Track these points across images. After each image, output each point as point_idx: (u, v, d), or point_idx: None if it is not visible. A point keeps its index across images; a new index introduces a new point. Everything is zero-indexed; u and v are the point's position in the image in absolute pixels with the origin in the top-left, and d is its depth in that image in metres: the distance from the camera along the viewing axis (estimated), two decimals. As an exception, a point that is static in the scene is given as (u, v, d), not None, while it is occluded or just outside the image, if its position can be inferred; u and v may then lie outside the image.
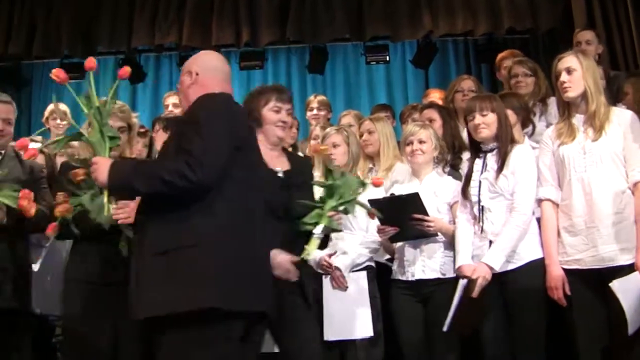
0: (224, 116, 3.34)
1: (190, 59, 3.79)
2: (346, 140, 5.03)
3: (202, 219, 3.21)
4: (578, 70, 4.28)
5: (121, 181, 3.32)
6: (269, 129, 4.17)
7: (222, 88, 3.56)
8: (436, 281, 4.60)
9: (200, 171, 3.14)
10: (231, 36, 9.04)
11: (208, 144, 3.22)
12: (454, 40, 9.84)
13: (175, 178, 3.14)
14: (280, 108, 4.18)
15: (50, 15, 9.39)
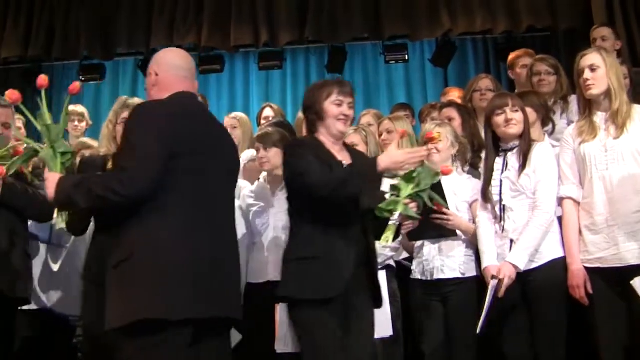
0: (154, 127, 3.36)
1: (152, 57, 3.81)
2: (364, 140, 5.03)
3: (137, 231, 3.30)
4: (602, 68, 4.25)
5: (65, 196, 3.39)
6: (331, 122, 4.12)
7: (184, 87, 3.63)
8: (456, 281, 4.59)
9: (131, 186, 3.23)
10: (250, 36, 9.03)
11: (137, 158, 3.30)
12: (473, 38, 9.76)
13: (108, 194, 3.24)
14: (342, 102, 4.13)
15: (69, 17, 9.43)
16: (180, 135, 3.39)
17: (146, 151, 3.30)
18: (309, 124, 4.21)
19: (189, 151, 3.39)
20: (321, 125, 4.14)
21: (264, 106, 7.12)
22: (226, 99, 10.63)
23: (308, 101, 4.20)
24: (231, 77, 10.65)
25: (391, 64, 9.67)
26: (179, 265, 3.25)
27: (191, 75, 3.74)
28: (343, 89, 4.17)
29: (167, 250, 3.26)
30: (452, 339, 4.55)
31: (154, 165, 3.28)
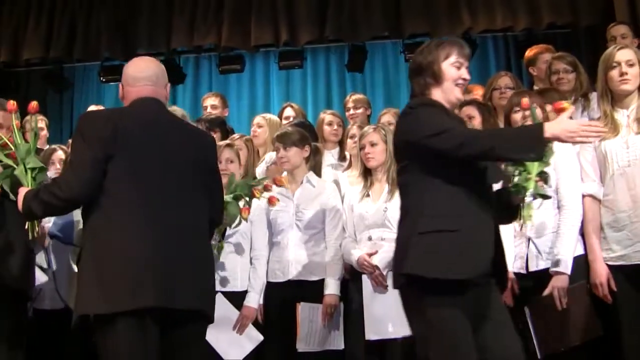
0: (88, 134, 3.57)
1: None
2: (384, 138, 5.00)
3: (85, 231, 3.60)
4: (636, 65, 4.23)
5: (26, 207, 3.66)
6: (449, 87, 3.71)
7: (144, 94, 3.78)
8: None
9: (67, 189, 3.49)
10: (270, 36, 9.03)
11: (72, 163, 3.62)
12: (494, 36, 9.71)
13: (51, 198, 3.53)
14: (461, 64, 3.75)
15: (90, 19, 9.47)
16: (115, 138, 3.52)
17: (80, 157, 3.55)
18: (420, 88, 3.77)
19: (124, 152, 3.52)
20: (436, 89, 3.72)
21: (284, 106, 7.11)
22: (246, 99, 10.64)
23: (423, 60, 3.75)
24: (251, 76, 10.67)
25: (412, 62, 9.63)
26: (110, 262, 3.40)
27: (153, 82, 3.83)
28: (463, 50, 3.81)
29: (101, 249, 3.44)
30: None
31: (85, 168, 3.49)
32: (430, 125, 3.49)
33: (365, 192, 5.02)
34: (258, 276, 4.99)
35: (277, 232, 5.12)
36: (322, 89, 10.58)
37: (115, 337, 3.35)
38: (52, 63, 9.81)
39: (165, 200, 3.55)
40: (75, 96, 10.82)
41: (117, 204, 3.48)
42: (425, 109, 3.62)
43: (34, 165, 4.02)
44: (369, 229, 4.93)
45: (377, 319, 4.69)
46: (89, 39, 9.42)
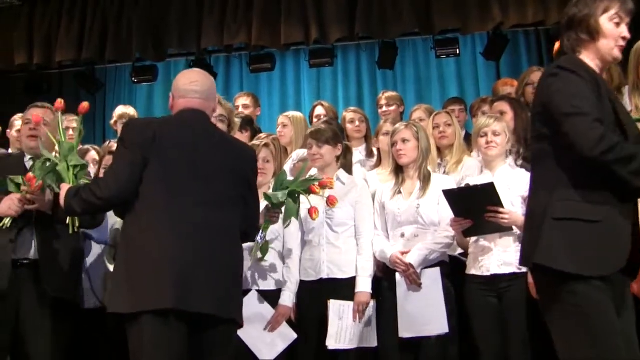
0: (129, 139, 3.78)
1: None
2: (416, 135, 5.00)
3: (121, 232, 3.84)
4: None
5: (67, 204, 3.85)
6: (605, 45, 3.33)
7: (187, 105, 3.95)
8: (512, 276, 4.55)
9: (105, 189, 3.69)
10: (300, 34, 9.03)
11: (112, 167, 3.83)
12: (525, 30, 9.67)
13: (91, 197, 3.72)
14: (621, 20, 3.34)
15: (121, 20, 9.53)
16: (152, 144, 3.70)
17: (119, 161, 3.79)
18: (571, 44, 3.41)
19: (159, 158, 3.70)
20: (590, 46, 3.35)
21: (315, 104, 7.12)
22: (277, 97, 10.67)
23: (578, 13, 3.39)
24: (282, 75, 10.69)
25: (442, 59, 9.61)
26: (136, 263, 3.58)
27: (201, 95, 3.99)
28: (625, 4, 3.36)
29: (131, 250, 3.65)
30: (508, 335, 4.53)
31: (123, 171, 3.70)
32: (557, 96, 3.19)
33: (397, 189, 5.03)
34: (292, 275, 4.99)
35: (309, 230, 5.12)
36: (353, 87, 10.58)
37: (140, 335, 3.48)
38: (85, 64, 9.89)
39: (193, 206, 3.69)
40: (108, 97, 10.90)
41: (147, 207, 3.65)
42: (570, 77, 3.21)
43: (76, 162, 4.25)
44: (402, 226, 4.93)
45: (411, 317, 4.70)
46: (120, 40, 9.48)
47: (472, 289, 4.72)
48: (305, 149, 5.64)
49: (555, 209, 3.13)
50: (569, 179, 3.16)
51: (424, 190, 4.90)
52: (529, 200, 3.40)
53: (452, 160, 5.47)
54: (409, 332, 4.69)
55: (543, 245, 3.12)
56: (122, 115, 7.15)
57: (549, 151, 3.24)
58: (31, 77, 9.95)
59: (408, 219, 4.90)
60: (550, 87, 3.24)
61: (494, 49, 9.15)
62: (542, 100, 3.28)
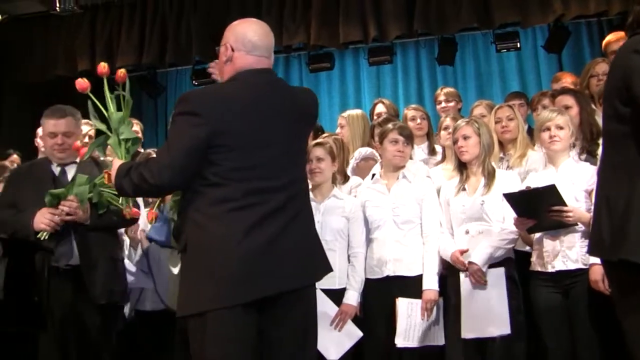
0: (184, 117, 3.34)
1: (228, 28, 3.72)
2: (477, 131, 4.97)
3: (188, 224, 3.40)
4: None
5: (118, 182, 3.49)
6: None
7: (255, 65, 3.52)
8: (577, 272, 4.50)
9: (158, 176, 3.30)
10: (359, 32, 9.01)
11: (167, 148, 3.38)
12: (587, 22, 9.54)
13: (141, 182, 3.35)
14: None
15: (180, 24, 9.62)
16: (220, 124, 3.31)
17: (175, 141, 3.36)
18: None
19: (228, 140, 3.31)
20: None
21: (376, 102, 7.12)
22: (337, 96, 10.69)
23: None
24: (341, 74, 10.71)
25: (503, 53, 9.53)
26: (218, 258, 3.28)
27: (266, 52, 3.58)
28: None
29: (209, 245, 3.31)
30: (575, 331, 4.48)
31: (180, 154, 3.29)
32: None
33: (461, 185, 5.00)
34: (357, 273, 5.00)
35: (374, 228, 5.12)
36: (413, 83, 10.55)
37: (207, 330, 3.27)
38: (146, 69, 10.03)
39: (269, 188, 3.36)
40: (169, 100, 11.02)
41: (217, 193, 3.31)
42: None
43: (127, 135, 3.85)
44: (466, 223, 4.91)
45: (474, 317, 4.68)
46: (180, 44, 9.57)
47: (537, 285, 4.69)
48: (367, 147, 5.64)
49: None
50: None
51: (489, 186, 4.88)
52: (599, 184, 3.15)
53: (515, 154, 5.42)
54: (472, 332, 4.68)
55: (632, 239, 2.84)
56: None
57: (630, 133, 2.94)
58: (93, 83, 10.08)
59: (473, 216, 4.87)
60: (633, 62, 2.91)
61: (556, 41, 9.05)
62: (623, 76, 2.96)
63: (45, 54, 10.05)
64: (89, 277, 4.66)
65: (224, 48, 3.61)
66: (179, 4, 9.70)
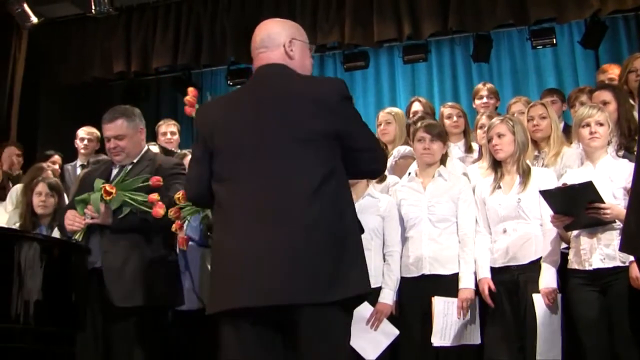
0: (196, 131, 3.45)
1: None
2: (511, 129, 4.96)
3: None
4: None
5: None
6: None
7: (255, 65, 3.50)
8: (615, 270, 4.44)
9: (188, 189, 3.53)
10: (393, 30, 9.01)
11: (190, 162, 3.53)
12: (624, 16, 9.44)
13: None
14: None
15: (215, 24, 9.68)
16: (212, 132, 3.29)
17: (192, 155, 3.56)
18: None
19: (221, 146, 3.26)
20: None
21: (412, 100, 7.11)
22: (372, 94, 10.70)
23: None
24: (376, 72, 10.71)
25: (539, 49, 9.48)
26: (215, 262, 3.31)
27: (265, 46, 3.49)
28: None
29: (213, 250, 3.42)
30: (614, 330, 4.43)
31: (190, 166, 3.48)
32: None
33: (497, 184, 4.99)
34: (392, 272, 4.99)
35: (410, 226, 5.11)
36: (448, 81, 10.53)
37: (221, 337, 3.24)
38: (181, 70, 10.09)
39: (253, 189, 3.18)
40: (204, 101, 11.03)
41: (218, 204, 3.26)
42: None
43: None
44: (503, 222, 4.89)
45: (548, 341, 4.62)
46: (214, 45, 9.63)
47: (575, 283, 4.63)
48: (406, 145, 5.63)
49: None
50: None
51: (525, 184, 4.86)
52: (634, 181, 3.09)
53: (550, 152, 5.38)
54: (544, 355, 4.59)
55: None
56: None
57: None
58: (129, 84, 10.21)
59: (510, 214, 4.85)
60: None
61: (592, 36, 8.97)
62: None
63: (81, 56, 10.16)
64: (108, 278, 4.59)
65: None
66: (213, 5, 9.76)
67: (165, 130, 7.40)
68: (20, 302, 3.96)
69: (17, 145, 7.87)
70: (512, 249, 4.82)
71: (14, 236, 4.28)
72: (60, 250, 4.35)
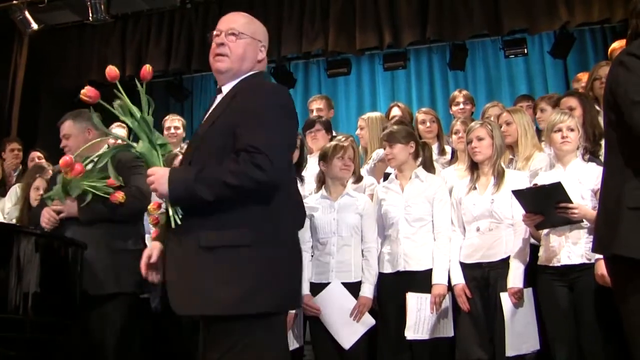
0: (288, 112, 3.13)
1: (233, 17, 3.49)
2: (490, 133, 4.97)
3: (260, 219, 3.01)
4: None
5: (184, 191, 2.96)
6: None
7: None
8: (582, 266, 4.45)
9: (272, 171, 2.89)
10: (374, 39, 9.02)
11: (275, 141, 2.96)
12: (591, 29, 9.51)
13: (244, 181, 2.89)
14: None
15: (205, 32, 9.63)
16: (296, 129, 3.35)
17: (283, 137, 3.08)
18: None
19: None
20: None
21: (391, 105, 7.11)
22: (354, 100, 10.72)
23: None
24: (358, 78, 10.74)
25: (511, 58, 9.51)
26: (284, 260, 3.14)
27: None
28: None
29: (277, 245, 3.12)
30: (581, 324, 4.45)
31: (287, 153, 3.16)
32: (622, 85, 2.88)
33: (472, 185, 4.99)
34: (371, 267, 4.99)
35: (388, 225, 5.12)
36: (426, 87, 10.56)
37: None
38: (173, 74, 10.09)
39: None
40: (195, 104, 11.10)
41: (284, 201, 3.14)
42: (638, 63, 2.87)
43: (162, 141, 3.28)
44: (477, 220, 4.90)
45: (518, 336, 4.63)
46: (205, 51, 9.57)
47: (544, 279, 4.64)
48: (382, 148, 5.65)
49: (630, 198, 2.86)
50: None
51: (498, 185, 4.87)
52: (602, 188, 3.16)
53: (520, 156, 5.40)
54: (515, 350, 4.61)
55: (621, 235, 2.86)
56: None
57: (619, 139, 2.98)
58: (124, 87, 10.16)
59: (483, 214, 4.86)
60: (617, 73, 2.95)
61: (561, 47, 9.02)
62: (611, 86, 2.99)
63: (79, 61, 10.14)
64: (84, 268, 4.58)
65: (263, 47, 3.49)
66: (204, 13, 9.75)
67: (170, 125, 7.37)
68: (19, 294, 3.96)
69: (18, 141, 7.86)
70: (483, 246, 4.83)
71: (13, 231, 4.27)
72: (57, 244, 4.35)
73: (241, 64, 3.33)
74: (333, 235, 4.98)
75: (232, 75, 3.32)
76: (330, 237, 4.99)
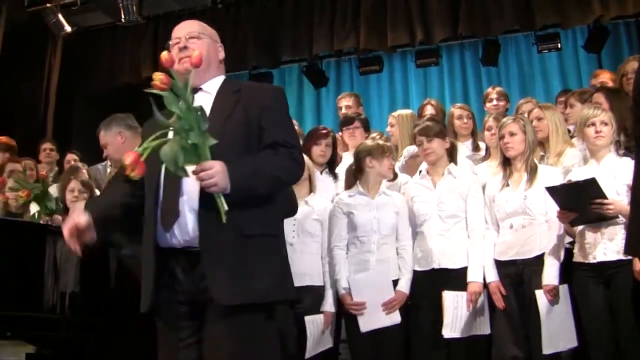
0: None
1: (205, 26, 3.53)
2: (523, 128, 4.94)
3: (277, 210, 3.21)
4: None
5: (245, 186, 2.96)
6: None
7: None
8: (618, 263, 4.40)
9: (301, 168, 3.18)
10: (406, 36, 9.04)
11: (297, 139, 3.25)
12: (626, 22, 9.42)
13: (292, 176, 3.17)
14: None
15: (237, 32, 9.71)
16: None
17: None
18: None
19: None
20: None
21: (424, 103, 7.08)
22: (387, 97, 10.72)
23: None
24: (390, 76, 10.74)
25: (544, 53, 9.45)
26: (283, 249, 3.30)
27: None
28: None
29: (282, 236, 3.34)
30: (618, 321, 4.41)
31: None
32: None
33: (505, 181, 4.96)
34: (407, 264, 4.98)
35: (420, 222, 5.09)
36: (458, 84, 10.54)
37: None
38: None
39: None
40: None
41: None
42: None
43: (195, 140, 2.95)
44: (510, 217, 4.86)
45: (553, 333, 4.58)
46: (237, 50, 9.65)
47: (580, 276, 4.60)
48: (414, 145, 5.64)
49: None
50: None
51: (531, 182, 4.83)
52: (633, 186, 3.18)
53: (552, 152, 5.36)
54: (552, 348, 4.56)
55: None
56: None
57: None
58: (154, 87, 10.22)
59: (516, 210, 4.82)
60: None
61: (595, 41, 8.96)
62: (636, 83, 3.02)
63: (111, 62, 10.22)
64: None
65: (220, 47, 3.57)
66: (235, 13, 9.79)
67: None
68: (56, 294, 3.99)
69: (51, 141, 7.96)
70: (517, 243, 4.78)
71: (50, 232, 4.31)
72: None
73: (209, 61, 3.40)
74: (374, 233, 4.98)
75: (206, 70, 3.35)
76: (370, 235, 4.99)
